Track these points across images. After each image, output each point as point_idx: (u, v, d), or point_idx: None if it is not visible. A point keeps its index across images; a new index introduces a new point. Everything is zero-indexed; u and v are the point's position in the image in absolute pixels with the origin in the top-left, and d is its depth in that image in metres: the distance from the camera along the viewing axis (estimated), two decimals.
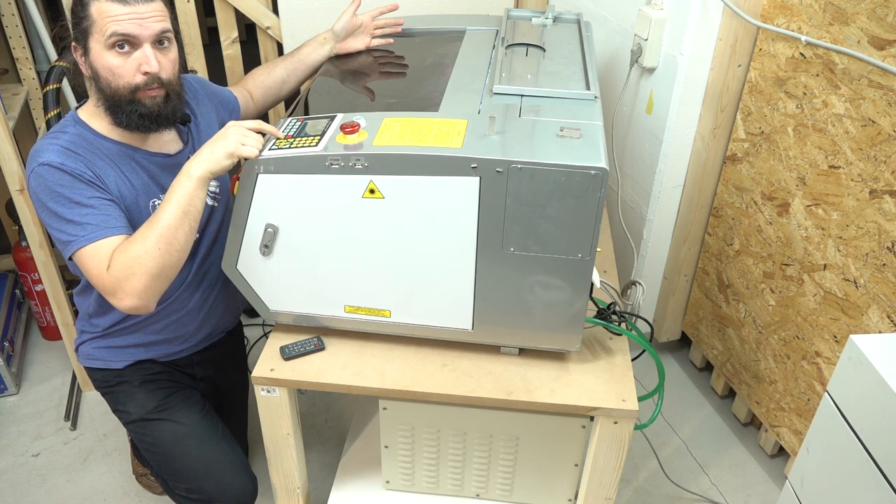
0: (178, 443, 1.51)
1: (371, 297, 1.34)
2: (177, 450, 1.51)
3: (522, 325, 1.31)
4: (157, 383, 1.55)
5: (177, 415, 1.53)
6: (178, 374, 1.60)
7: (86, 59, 1.31)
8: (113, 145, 1.37)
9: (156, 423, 1.52)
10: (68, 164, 1.28)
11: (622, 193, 2.13)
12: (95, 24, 1.26)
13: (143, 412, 1.53)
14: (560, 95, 1.32)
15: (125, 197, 1.36)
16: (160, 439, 1.52)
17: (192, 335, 1.58)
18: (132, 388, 1.54)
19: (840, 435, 1.11)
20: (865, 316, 1.51)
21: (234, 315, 1.71)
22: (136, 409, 1.53)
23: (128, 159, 1.38)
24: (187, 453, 1.51)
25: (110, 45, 1.27)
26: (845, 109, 1.49)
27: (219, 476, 1.51)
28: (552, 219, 1.17)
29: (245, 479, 1.53)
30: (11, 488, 1.87)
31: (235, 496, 1.51)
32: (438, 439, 1.46)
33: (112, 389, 1.56)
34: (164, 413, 1.52)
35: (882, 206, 1.43)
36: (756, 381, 1.90)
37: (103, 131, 1.37)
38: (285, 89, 1.74)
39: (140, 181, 1.39)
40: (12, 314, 2.27)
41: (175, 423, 1.52)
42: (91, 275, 1.27)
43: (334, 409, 2.10)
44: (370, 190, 1.20)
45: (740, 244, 1.88)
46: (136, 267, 1.23)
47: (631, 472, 1.91)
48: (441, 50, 1.60)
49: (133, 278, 1.24)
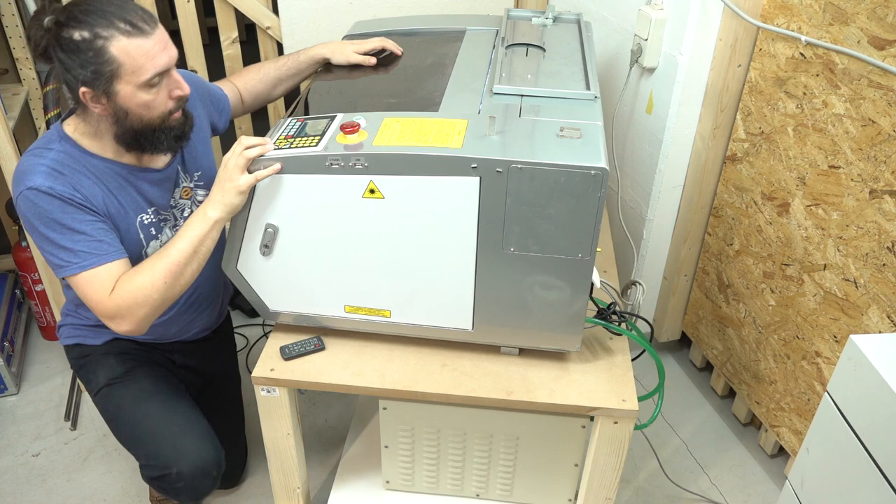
0: (140, 404, 1.49)
1: (371, 297, 1.34)
2: (138, 411, 1.49)
3: (522, 325, 1.31)
4: (128, 355, 1.56)
5: (143, 380, 1.52)
6: (156, 355, 1.61)
7: (108, 102, 1.24)
8: (101, 163, 1.34)
9: (120, 387, 1.51)
10: (56, 189, 1.25)
11: (622, 193, 2.13)
12: (124, 67, 1.20)
13: (109, 377, 1.52)
14: (560, 95, 1.32)
15: (112, 215, 1.35)
16: (123, 402, 1.50)
17: (175, 335, 1.61)
18: (104, 357, 1.54)
19: (840, 435, 1.11)
20: (865, 316, 1.51)
21: (218, 315, 1.71)
22: (104, 374, 1.53)
23: (115, 177, 1.36)
24: (147, 415, 1.48)
25: (148, 84, 1.23)
26: (845, 109, 1.49)
27: (178, 440, 1.45)
28: (552, 219, 1.17)
29: (206, 446, 1.46)
30: (11, 488, 1.87)
31: (195, 463, 1.43)
32: (438, 439, 1.46)
33: (85, 361, 1.56)
34: (130, 376, 1.52)
35: (882, 206, 1.43)
36: (756, 381, 1.90)
37: (93, 149, 1.33)
38: (275, 94, 1.73)
39: (128, 198, 1.37)
40: (12, 314, 2.27)
41: (139, 387, 1.51)
42: (88, 299, 1.28)
43: (334, 409, 2.10)
44: (370, 190, 1.20)
45: (740, 244, 1.88)
46: (141, 297, 1.25)
47: (631, 472, 1.91)
48: (441, 50, 1.60)
49: (136, 308, 1.26)
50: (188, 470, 1.43)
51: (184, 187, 1.49)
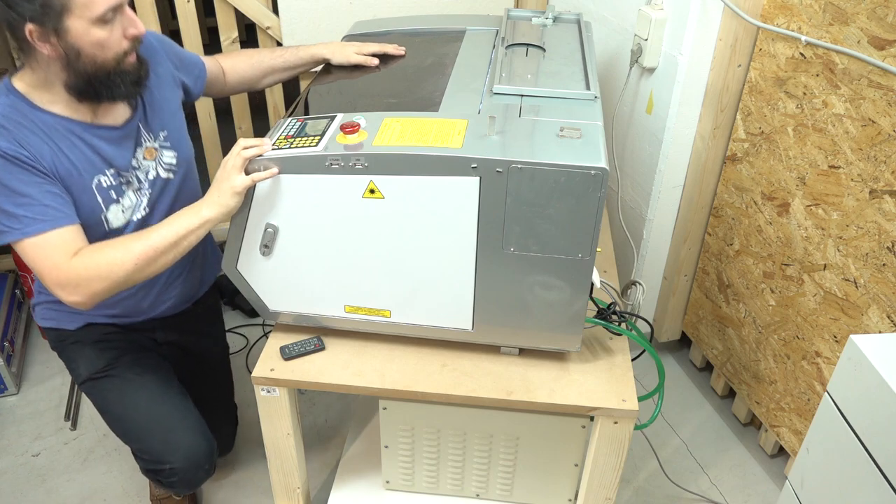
0: (125, 400, 1.46)
1: (371, 297, 1.34)
2: (124, 408, 1.46)
3: (522, 325, 1.31)
4: (109, 343, 1.50)
5: (126, 372, 1.48)
6: (136, 336, 1.55)
7: (58, 41, 1.16)
8: (52, 119, 1.24)
9: (104, 382, 1.48)
10: (0, 145, 1.17)
11: (622, 193, 2.13)
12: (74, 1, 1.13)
13: (90, 371, 1.48)
14: (560, 95, 1.32)
15: (63, 177, 1.25)
16: (108, 398, 1.48)
17: (149, 309, 1.53)
18: (83, 346, 1.49)
19: (840, 435, 1.11)
20: (865, 316, 1.51)
21: (198, 286, 1.64)
22: (85, 368, 1.48)
23: (67, 134, 1.26)
24: (135, 410, 1.45)
25: (101, 19, 1.16)
26: (845, 109, 1.49)
27: (168, 435, 1.44)
28: (552, 219, 1.17)
29: (197, 438, 1.45)
30: (11, 488, 1.87)
31: (188, 457, 1.43)
32: (438, 439, 1.46)
33: (64, 347, 1.52)
34: (113, 371, 1.48)
35: (882, 206, 1.43)
36: (756, 381, 1.90)
37: (42, 103, 1.24)
38: (262, 83, 1.68)
39: (81, 157, 1.27)
40: (12, 314, 2.27)
41: (123, 380, 1.47)
42: (35, 267, 1.21)
43: (334, 409, 2.10)
44: (370, 190, 1.20)
45: (740, 244, 1.88)
46: (105, 272, 1.20)
47: (631, 472, 1.91)
48: (441, 50, 1.60)
49: (95, 281, 1.20)
50: (181, 465, 1.44)
51: (147, 147, 1.39)
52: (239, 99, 2.30)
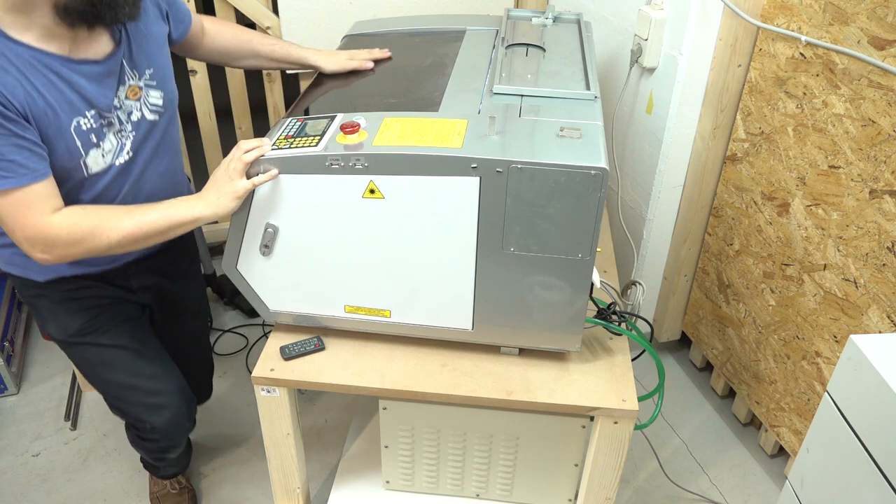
0: (103, 367, 1.44)
1: (371, 297, 1.34)
2: (102, 374, 1.44)
3: (522, 325, 1.31)
4: (80, 302, 1.40)
5: (102, 337, 1.42)
6: (109, 289, 1.44)
7: None
8: (26, 52, 1.11)
9: (79, 348, 1.42)
10: None
11: (622, 193, 2.13)
12: None
13: (64, 335, 1.41)
14: (560, 95, 1.32)
15: (37, 118, 1.12)
16: (85, 362, 1.44)
17: (123, 255, 1.42)
18: (53, 304, 1.39)
19: (840, 435, 1.11)
20: (865, 316, 1.51)
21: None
22: (58, 331, 1.41)
23: (43, 70, 1.13)
24: (114, 376, 1.43)
25: None
26: (845, 109, 1.49)
27: (147, 398, 1.45)
28: (552, 219, 1.17)
29: (177, 401, 1.45)
30: (11, 488, 1.87)
31: (168, 419, 1.45)
32: (438, 439, 1.46)
33: (32, 302, 1.42)
34: (88, 337, 1.41)
35: (882, 206, 1.43)
36: (756, 381, 1.90)
37: (14, 31, 1.10)
38: (240, 63, 1.60)
39: (59, 97, 1.15)
40: (12, 314, 2.27)
41: (99, 347, 1.42)
42: (7, 222, 1.14)
43: (334, 409, 2.10)
44: (370, 190, 1.20)
45: (740, 244, 1.88)
46: (88, 240, 1.15)
47: (631, 472, 1.91)
48: (441, 50, 1.60)
49: (74, 246, 1.15)
50: (162, 425, 1.47)
51: (130, 86, 1.27)
52: (239, 99, 2.30)
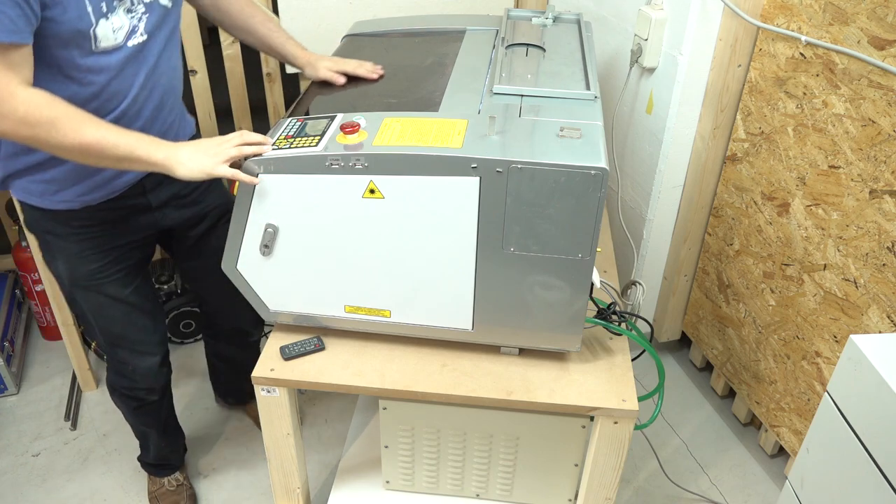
0: (101, 316, 1.51)
1: (371, 297, 1.34)
2: (97, 321, 1.52)
3: (522, 325, 1.31)
4: (93, 243, 1.42)
5: (107, 287, 1.47)
6: (121, 226, 1.44)
7: None
8: None
9: (82, 293, 1.47)
10: None
11: (622, 193, 2.13)
12: None
13: (71, 278, 1.45)
14: (560, 95, 1.32)
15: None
16: (85, 308, 1.50)
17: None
18: (66, 244, 1.41)
19: (840, 435, 1.11)
20: (865, 316, 1.51)
21: (190, 123, 1.53)
22: (65, 272, 1.44)
23: None
24: (108, 325, 1.52)
25: None
26: (845, 109, 1.49)
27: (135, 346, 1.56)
28: (552, 219, 1.17)
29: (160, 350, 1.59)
30: (11, 488, 1.87)
31: (149, 364, 1.59)
32: (438, 439, 1.46)
33: (45, 238, 1.43)
34: (94, 284, 1.46)
35: (882, 206, 1.43)
36: (756, 381, 1.90)
37: None
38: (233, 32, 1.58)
39: None
40: (12, 314, 2.27)
41: (102, 297, 1.48)
42: None
43: (334, 409, 2.10)
44: (370, 190, 1.20)
45: (740, 244, 1.88)
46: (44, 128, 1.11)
47: (631, 472, 1.91)
48: (441, 50, 1.60)
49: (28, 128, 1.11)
50: (140, 372, 1.60)
51: None
52: (239, 99, 2.30)
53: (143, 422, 1.73)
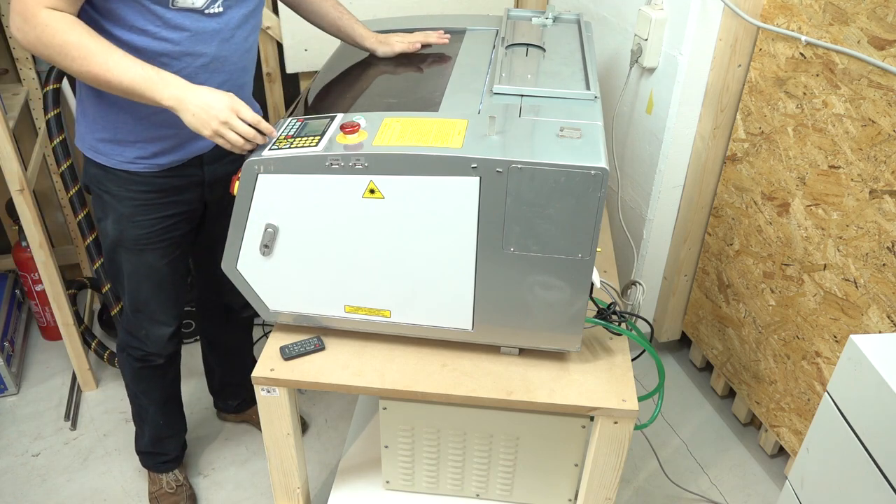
0: (135, 278, 1.54)
1: (371, 297, 1.34)
2: (129, 282, 1.55)
3: (522, 325, 1.31)
4: (146, 207, 1.45)
5: (148, 255, 1.51)
6: (176, 197, 1.48)
7: None
8: None
9: (124, 252, 1.51)
10: None
11: (622, 193, 2.13)
12: None
13: (117, 238, 1.49)
14: (560, 95, 1.32)
15: None
16: (123, 267, 1.54)
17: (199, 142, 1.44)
18: (119, 205, 1.44)
19: (840, 435, 1.11)
20: (865, 316, 1.51)
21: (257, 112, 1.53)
22: (113, 231, 1.48)
23: None
24: (137, 290, 1.56)
25: None
26: (845, 109, 1.49)
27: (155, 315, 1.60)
28: (552, 219, 1.17)
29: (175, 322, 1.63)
30: (11, 488, 1.87)
31: (161, 334, 1.62)
32: (438, 439, 1.46)
33: (99, 195, 1.46)
34: (137, 249, 1.50)
35: (882, 206, 1.43)
36: (756, 381, 1.90)
37: None
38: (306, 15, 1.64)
39: None
40: (12, 314, 2.27)
41: (141, 261, 1.52)
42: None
43: (334, 409, 2.10)
44: (370, 190, 1.20)
45: (740, 244, 1.88)
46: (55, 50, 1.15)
47: (631, 472, 1.91)
48: (441, 50, 1.60)
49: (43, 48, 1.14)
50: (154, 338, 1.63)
51: None
52: None
53: (143, 389, 1.73)
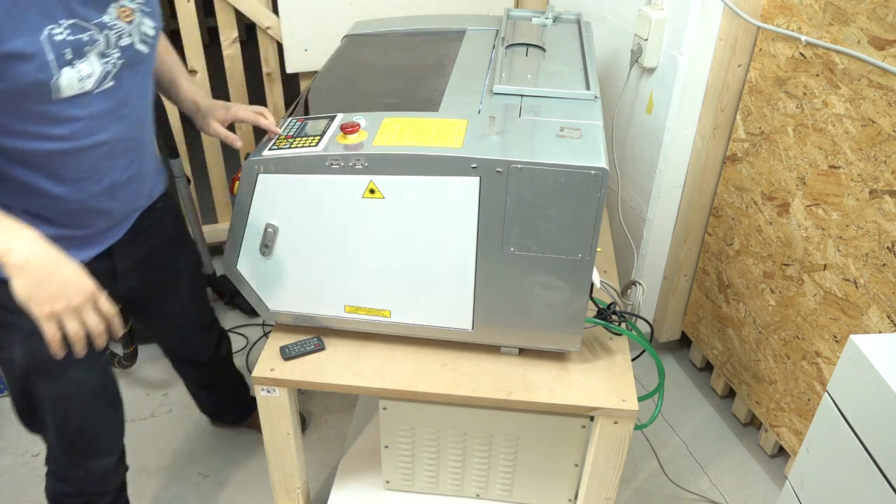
0: (61, 404, 1.29)
1: (371, 297, 1.34)
2: (55, 413, 1.30)
3: (522, 325, 1.31)
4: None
5: (73, 371, 1.25)
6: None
7: None
8: None
9: (44, 380, 1.24)
10: None
11: (622, 193, 2.13)
12: None
13: (29, 364, 1.22)
14: (560, 95, 1.32)
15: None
16: (42, 397, 1.27)
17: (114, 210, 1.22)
18: (22, 319, 1.05)
19: (840, 435, 1.11)
20: (865, 316, 1.51)
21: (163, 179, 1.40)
22: (22, 357, 1.21)
23: None
24: (66, 417, 1.31)
25: None
26: (845, 109, 1.49)
27: (89, 447, 1.36)
28: (552, 219, 1.17)
29: (109, 461, 1.40)
30: (11, 488, 1.87)
31: (101, 472, 1.40)
32: (438, 439, 1.46)
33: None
34: (56, 367, 1.22)
35: (882, 206, 1.43)
36: (756, 381, 1.90)
37: None
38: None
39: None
40: None
41: (64, 379, 1.25)
42: None
43: (334, 409, 2.10)
44: (370, 190, 1.20)
45: (740, 244, 1.88)
46: None
47: (631, 472, 1.91)
48: (441, 50, 1.60)
49: None
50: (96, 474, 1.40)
51: (122, 6, 1.09)
52: (239, 99, 2.30)
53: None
